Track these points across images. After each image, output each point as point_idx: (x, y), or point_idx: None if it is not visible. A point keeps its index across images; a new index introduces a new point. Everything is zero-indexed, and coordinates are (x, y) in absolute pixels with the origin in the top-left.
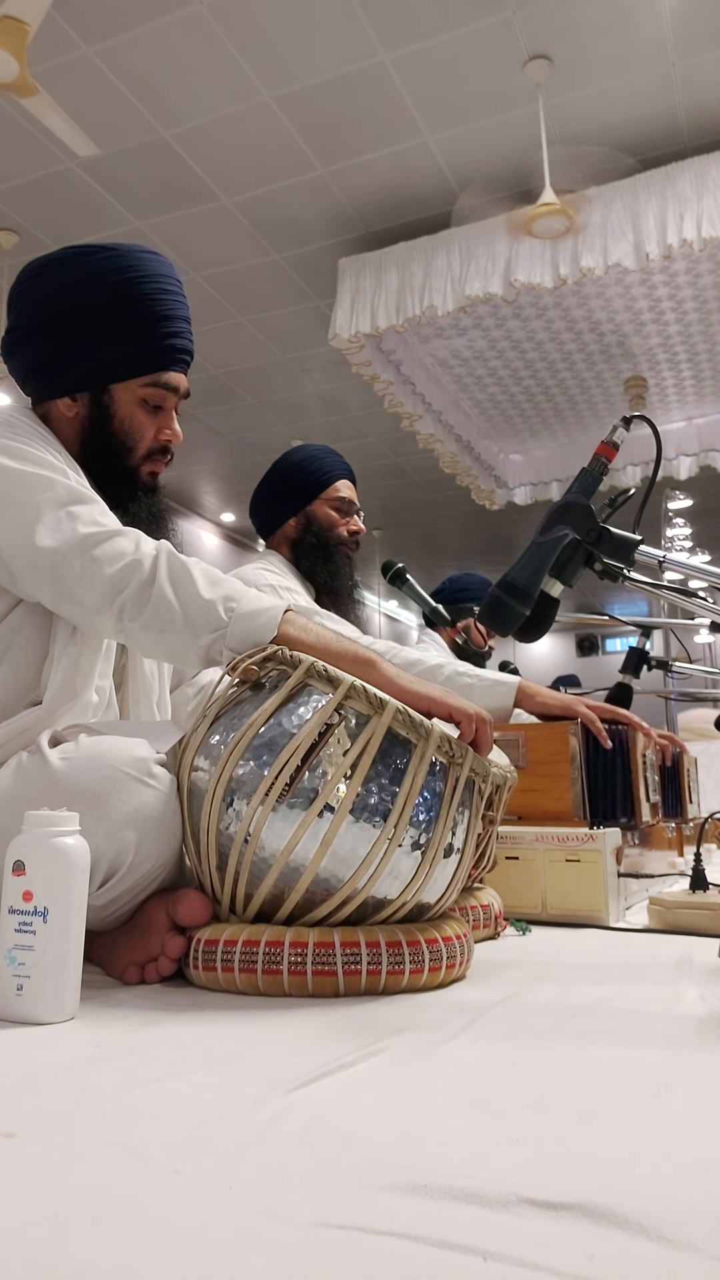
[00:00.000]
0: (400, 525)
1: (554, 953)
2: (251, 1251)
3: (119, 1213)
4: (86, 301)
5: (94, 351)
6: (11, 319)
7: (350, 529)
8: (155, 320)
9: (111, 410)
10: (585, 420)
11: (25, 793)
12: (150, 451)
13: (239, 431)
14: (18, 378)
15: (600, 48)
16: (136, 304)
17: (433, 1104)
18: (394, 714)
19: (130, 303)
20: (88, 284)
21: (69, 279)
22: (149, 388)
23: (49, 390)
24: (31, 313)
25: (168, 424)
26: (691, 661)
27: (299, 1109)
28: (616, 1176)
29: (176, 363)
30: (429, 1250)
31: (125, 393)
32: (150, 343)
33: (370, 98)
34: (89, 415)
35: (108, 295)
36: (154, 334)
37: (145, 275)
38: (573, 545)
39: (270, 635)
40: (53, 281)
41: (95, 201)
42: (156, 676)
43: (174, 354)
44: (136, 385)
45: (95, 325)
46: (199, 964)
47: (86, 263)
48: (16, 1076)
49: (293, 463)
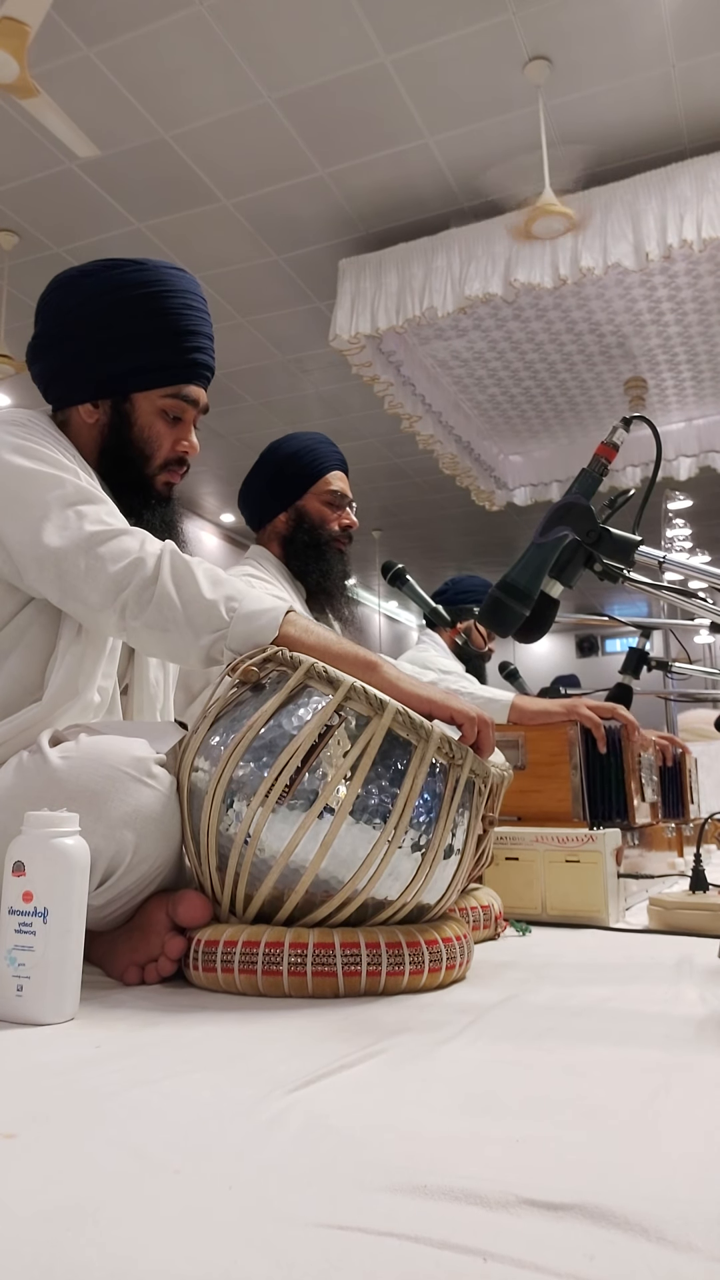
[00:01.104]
0: (400, 526)
1: (554, 953)
2: (251, 1251)
3: (119, 1212)
4: (114, 311)
5: (118, 359)
6: (39, 326)
7: (342, 523)
8: (181, 334)
9: (132, 418)
10: (585, 421)
11: (25, 791)
12: (167, 462)
13: (239, 432)
14: (41, 384)
15: (600, 49)
16: (163, 316)
17: (433, 1104)
18: (394, 715)
19: (158, 315)
20: (116, 294)
21: (97, 289)
22: (170, 399)
23: (71, 396)
24: (58, 319)
25: (185, 435)
26: (691, 662)
27: (299, 1109)
28: (616, 1176)
29: (198, 377)
30: (429, 1250)
31: (146, 402)
32: (174, 355)
33: (370, 98)
34: (109, 422)
35: (135, 306)
36: (178, 346)
37: (173, 290)
38: (573, 546)
39: (271, 636)
40: (81, 291)
41: (95, 202)
42: (161, 685)
43: (196, 368)
44: (157, 396)
45: (121, 333)
46: (199, 965)
47: (115, 275)
48: (16, 1077)
49: (283, 455)
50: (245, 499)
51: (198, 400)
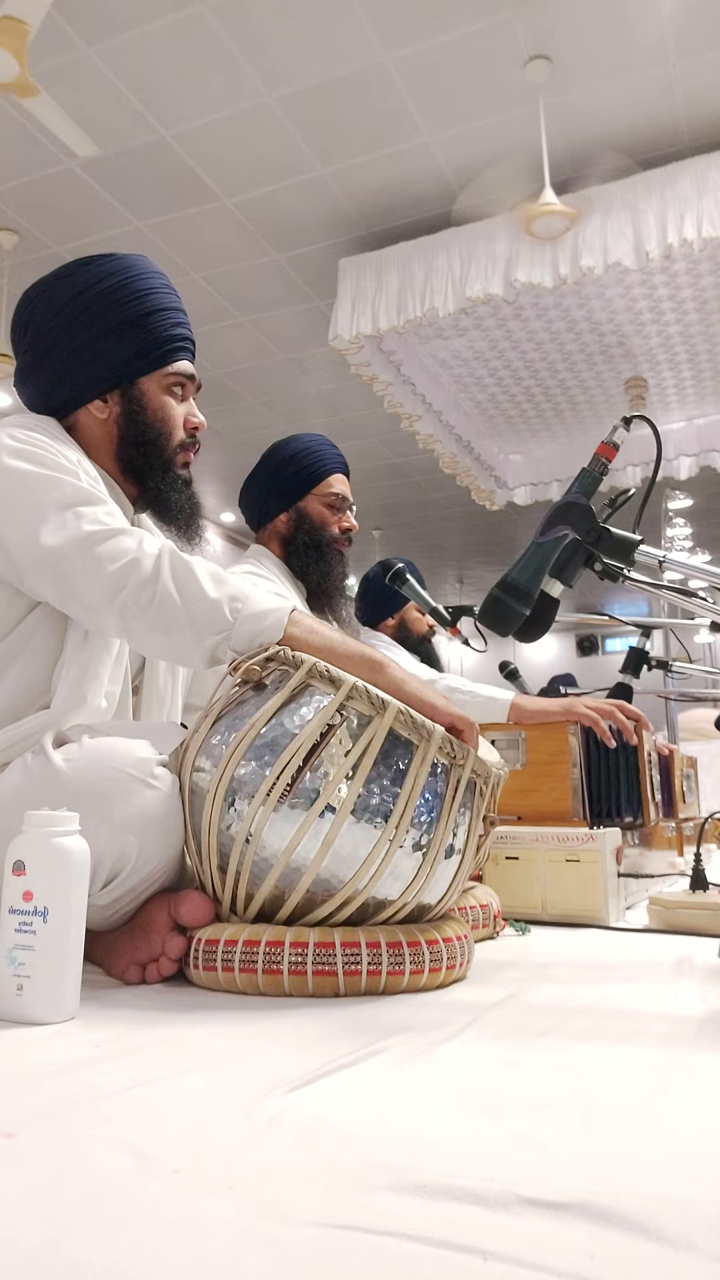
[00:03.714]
0: (400, 525)
1: (554, 953)
2: (251, 1251)
3: (118, 1212)
4: (99, 303)
5: (117, 348)
6: (24, 345)
7: (342, 526)
8: (165, 310)
9: (143, 402)
10: (585, 420)
11: (29, 793)
12: (181, 441)
13: (239, 431)
14: (41, 397)
15: (600, 48)
16: (146, 297)
17: (433, 1104)
18: (395, 715)
19: (140, 297)
20: (95, 288)
21: (75, 288)
22: (170, 375)
23: (79, 397)
24: (47, 325)
25: (192, 410)
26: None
27: (299, 1109)
28: (616, 1176)
29: (183, 350)
30: (429, 1250)
31: (151, 383)
32: (159, 332)
33: (370, 98)
34: (123, 411)
35: (118, 293)
36: (160, 324)
37: (143, 273)
38: (573, 545)
39: (277, 636)
40: (60, 294)
41: (95, 201)
42: (170, 687)
43: (179, 342)
44: (159, 375)
45: (113, 323)
46: (200, 964)
47: (86, 272)
48: (16, 1076)
49: (285, 456)
50: (246, 498)
51: (191, 374)
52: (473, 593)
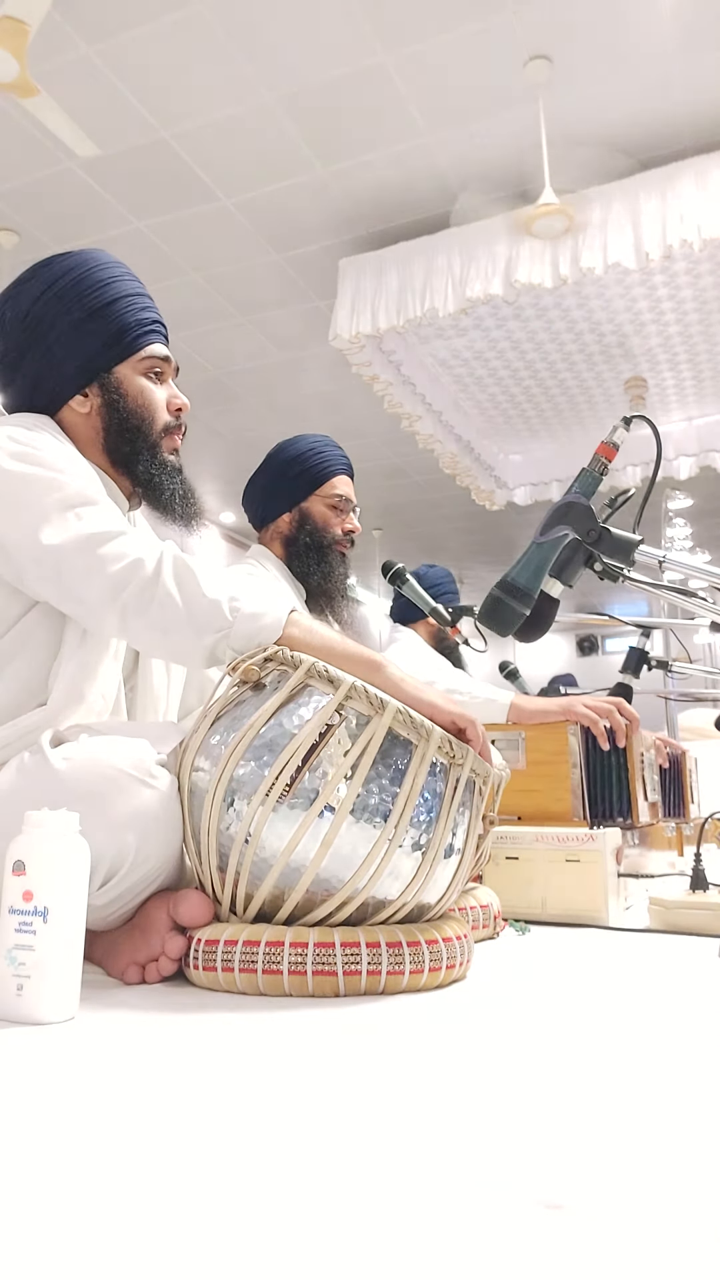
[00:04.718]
0: (400, 525)
1: (554, 953)
2: (252, 1251)
3: (118, 1212)
4: (65, 298)
5: (84, 341)
6: (2, 347)
7: (345, 528)
8: (130, 296)
9: (122, 390)
10: (585, 420)
11: (27, 792)
12: (166, 424)
13: (239, 431)
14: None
15: (600, 48)
16: (109, 285)
17: (432, 1104)
18: (394, 714)
19: (97, 287)
20: (58, 284)
21: (38, 289)
22: (145, 360)
23: (60, 394)
24: (17, 330)
25: (173, 393)
26: (691, 661)
27: (299, 1108)
28: (616, 1176)
29: (153, 334)
30: (431, 1250)
31: (126, 370)
32: (125, 319)
33: (370, 98)
34: (104, 403)
35: (81, 286)
36: (125, 310)
37: (99, 264)
38: (573, 545)
39: (275, 636)
40: (24, 297)
41: (95, 201)
42: (165, 687)
43: (147, 326)
44: (134, 361)
45: (75, 317)
46: (199, 964)
47: (47, 270)
48: (16, 1076)
49: (289, 456)
50: (249, 497)
51: (166, 356)
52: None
